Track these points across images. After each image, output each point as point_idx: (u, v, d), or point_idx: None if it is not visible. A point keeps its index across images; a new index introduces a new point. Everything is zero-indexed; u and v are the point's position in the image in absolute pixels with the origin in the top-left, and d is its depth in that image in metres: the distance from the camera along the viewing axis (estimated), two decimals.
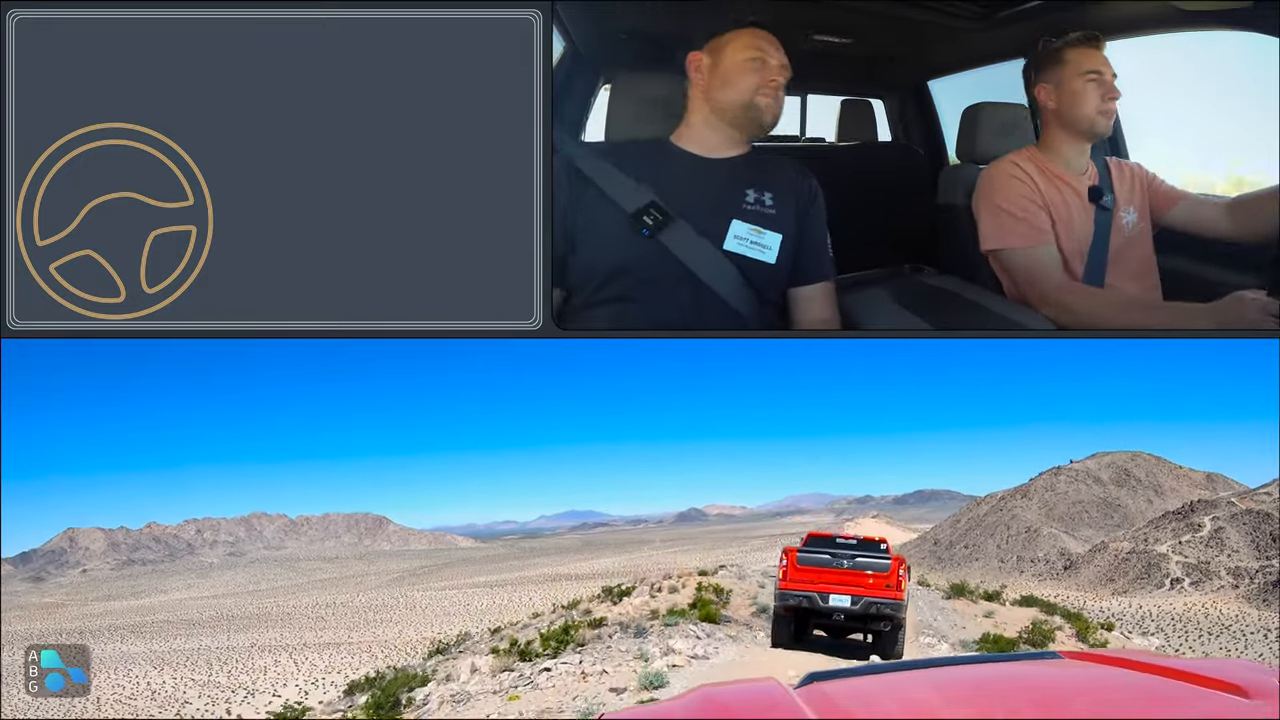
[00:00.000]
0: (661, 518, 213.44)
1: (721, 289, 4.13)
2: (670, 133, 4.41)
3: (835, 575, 8.99)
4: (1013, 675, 1.83)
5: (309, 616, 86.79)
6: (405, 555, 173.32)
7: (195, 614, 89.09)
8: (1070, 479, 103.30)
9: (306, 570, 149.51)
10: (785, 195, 4.34)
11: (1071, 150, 4.61)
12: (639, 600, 15.74)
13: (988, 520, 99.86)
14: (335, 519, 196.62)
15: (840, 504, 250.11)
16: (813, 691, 1.67)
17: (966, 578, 46.26)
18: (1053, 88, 4.56)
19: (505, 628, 19.15)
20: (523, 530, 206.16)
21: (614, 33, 4.93)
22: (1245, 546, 70.04)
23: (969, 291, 4.86)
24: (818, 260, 4.40)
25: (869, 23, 5.82)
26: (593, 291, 4.15)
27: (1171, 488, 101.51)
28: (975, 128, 5.26)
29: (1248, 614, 61.43)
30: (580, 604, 18.43)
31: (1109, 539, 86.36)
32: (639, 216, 4.09)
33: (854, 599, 8.93)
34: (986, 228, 4.54)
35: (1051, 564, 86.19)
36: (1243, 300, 3.87)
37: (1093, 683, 1.70)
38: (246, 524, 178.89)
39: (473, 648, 17.90)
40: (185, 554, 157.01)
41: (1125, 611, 68.36)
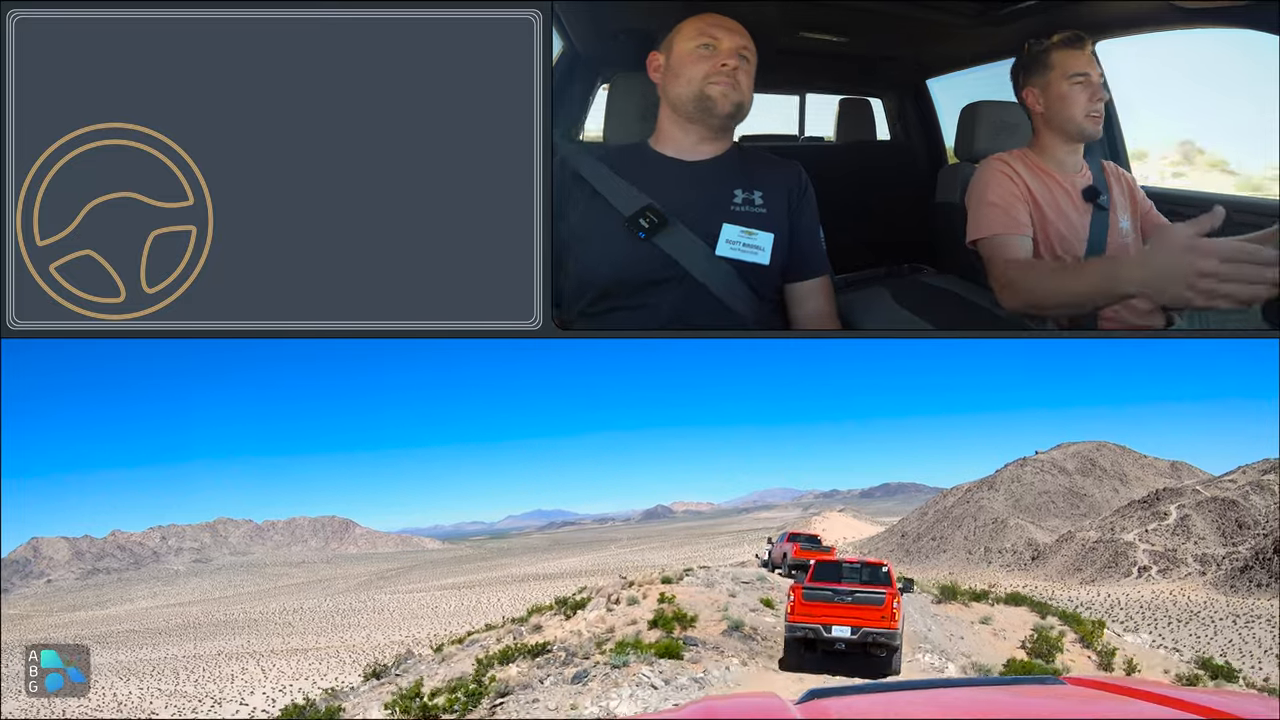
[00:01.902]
0: (629, 515, 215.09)
1: (719, 290, 4.08)
2: (650, 135, 4.34)
3: (837, 609, 10.12)
4: (1013, 699, 1.82)
5: (276, 622, 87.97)
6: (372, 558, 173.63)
7: (161, 622, 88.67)
8: (1036, 470, 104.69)
9: (273, 575, 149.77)
10: (774, 192, 4.25)
11: (1062, 152, 4.58)
12: (594, 615, 14.63)
13: (955, 512, 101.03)
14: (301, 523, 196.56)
15: (807, 499, 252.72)
16: (812, 708, 1.68)
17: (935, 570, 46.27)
18: (1040, 91, 4.53)
19: (447, 644, 18.09)
20: (490, 531, 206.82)
21: (612, 33, 4.90)
22: (1211, 533, 70.98)
23: (968, 291, 4.81)
24: (812, 255, 4.32)
25: (868, 21, 5.76)
26: (592, 292, 4.12)
27: (1137, 476, 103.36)
28: (974, 126, 5.22)
29: (1216, 600, 62.17)
30: (531, 617, 17.41)
31: (1076, 529, 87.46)
32: (636, 219, 4.05)
33: (854, 629, 10.06)
34: (970, 221, 4.51)
35: (1019, 554, 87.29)
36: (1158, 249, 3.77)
37: (1094, 709, 1.70)
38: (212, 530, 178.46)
39: (411, 668, 16.98)
40: (151, 561, 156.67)
41: (1094, 600, 69.05)
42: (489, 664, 11.75)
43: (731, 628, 12.60)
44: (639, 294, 4.10)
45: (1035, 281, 4.23)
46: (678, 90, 4.13)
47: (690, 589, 16.38)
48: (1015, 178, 4.48)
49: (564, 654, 11.47)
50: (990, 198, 4.46)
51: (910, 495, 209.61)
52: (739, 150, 4.35)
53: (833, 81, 6.76)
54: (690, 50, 4.09)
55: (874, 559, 11.92)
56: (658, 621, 12.53)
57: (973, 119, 5.25)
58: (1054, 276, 4.23)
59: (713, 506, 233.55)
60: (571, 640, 12.58)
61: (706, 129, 4.18)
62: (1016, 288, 4.25)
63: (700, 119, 4.14)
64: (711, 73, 4.06)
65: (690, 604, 14.80)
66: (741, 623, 12.75)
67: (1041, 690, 1.89)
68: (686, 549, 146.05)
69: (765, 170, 4.30)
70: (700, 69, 4.07)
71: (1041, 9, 4.82)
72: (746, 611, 14.57)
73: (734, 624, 12.71)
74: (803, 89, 6.96)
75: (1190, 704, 1.54)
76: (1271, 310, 3.98)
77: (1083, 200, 4.56)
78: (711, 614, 13.68)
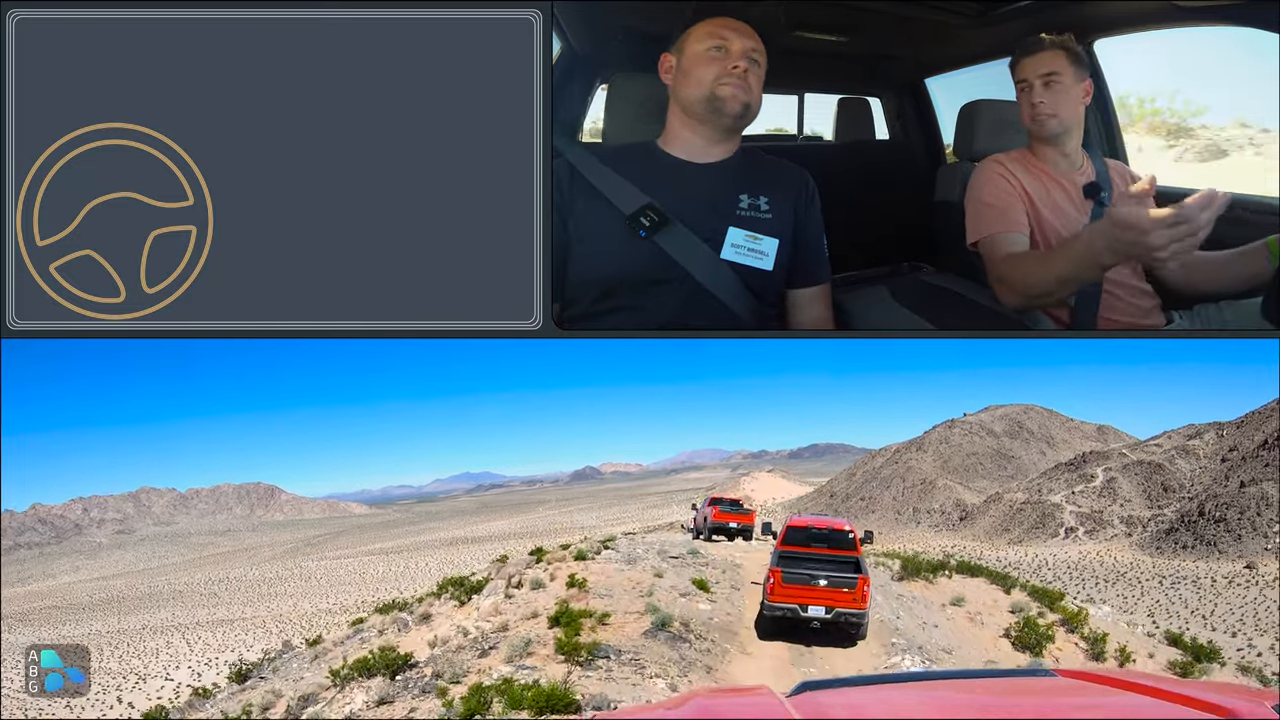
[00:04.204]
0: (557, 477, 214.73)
1: (719, 291, 4.07)
2: (659, 135, 4.34)
3: (813, 591, 10.86)
4: (1004, 690, 1.80)
5: (201, 594, 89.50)
6: (299, 525, 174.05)
7: (84, 597, 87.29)
8: (964, 431, 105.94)
9: (198, 545, 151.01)
10: (781, 197, 4.25)
11: (1052, 152, 4.61)
12: (489, 603, 12.03)
13: (883, 473, 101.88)
14: (226, 490, 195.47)
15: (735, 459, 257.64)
16: (805, 700, 1.66)
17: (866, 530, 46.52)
18: (1019, 95, 4.62)
19: (321, 641, 15.50)
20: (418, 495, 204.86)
21: (611, 33, 4.85)
22: (1137, 496, 71.83)
23: (967, 289, 4.77)
24: (815, 262, 4.35)
25: (866, 20, 5.70)
26: (593, 291, 4.08)
27: (1064, 440, 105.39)
28: (972, 125, 5.20)
29: (1142, 561, 62.75)
30: (423, 603, 14.74)
31: (1003, 490, 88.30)
32: (636, 218, 4.05)
33: (828, 609, 10.84)
34: (968, 222, 4.53)
35: (948, 515, 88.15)
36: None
37: (1085, 702, 1.68)
38: (135, 500, 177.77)
39: (283, 665, 14.48)
40: (73, 534, 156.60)
41: (1021, 561, 69.18)
42: (347, 678, 9.14)
43: (657, 625, 10.12)
44: (640, 294, 4.07)
45: (1025, 273, 4.26)
46: (688, 91, 4.15)
47: (608, 567, 13.80)
48: (1010, 178, 4.51)
49: (430, 671, 8.82)
50: (986, 198, 4.51)
51: (839, 456, 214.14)
52: (746, 154, 4.34)
53: (831, 81, 6.72)
54: (701, 52, 4.12)
55: (839, 523, 12.41)
56: (560, 618, 9.91)
57: (971, 118, 5.23)
58: (1040, 264, 4.26)
59: (641, 467, 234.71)
60: (454, 640, 9.99)
61: (716, 130, 4.21)
62: (1011, 283, 4.28)
63: (710, 120, 4.17)
64: (722, 74, 4.09)
65: (606, 587, 12.25)
66: (669, 617, 10.32)
67: (1032, 682, 1.86)
68: (615, 510, 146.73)
69: (772, 176, 4.31)
70: (711, 71, 4.10)
71: (1041, 8, 4.81)
72: (676, 598, 12.11)
73: (660, 620, 10.25)
74: (802, 88, 6.91)
75: (1180, 695, 1.53)
76: (1271, 310, 4.04)
77: (1083, 198, 4.56)
78: (632, 602, 11.11)
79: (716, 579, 14.34)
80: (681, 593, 12.60)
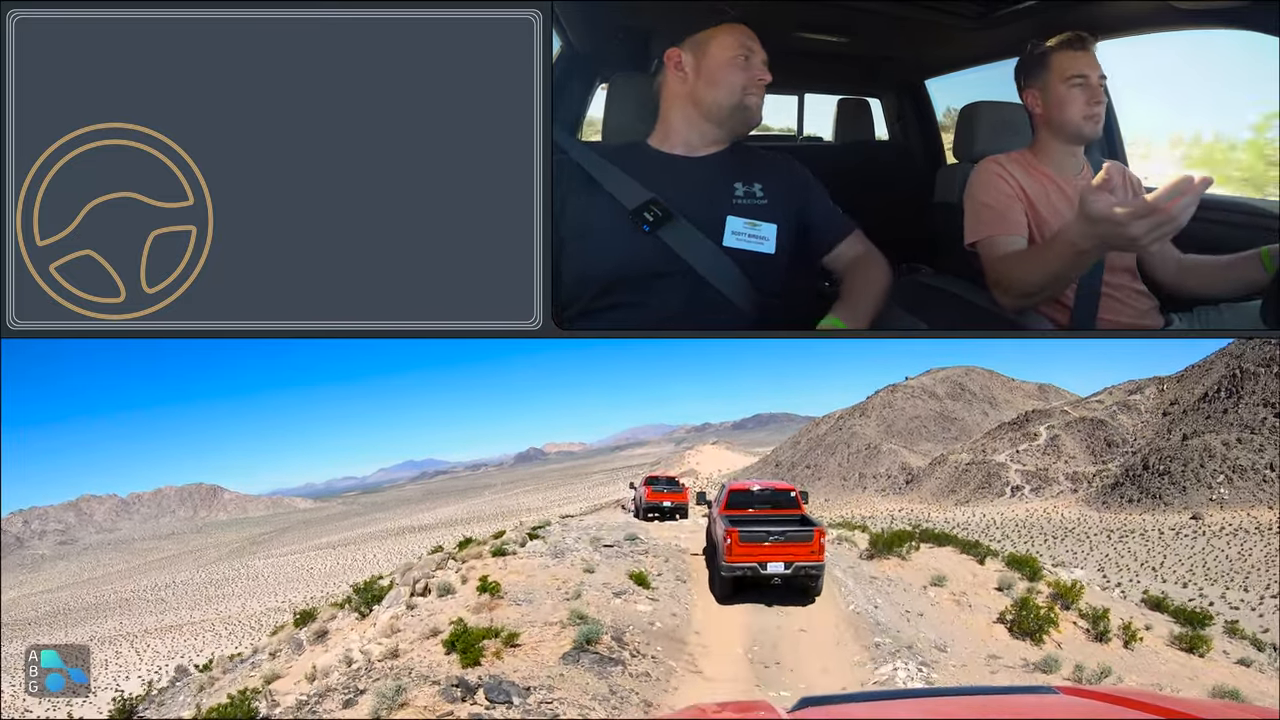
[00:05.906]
0: (501, 460, 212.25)
1: (720, 283, 4.06)
2: (648, 135, 4.36)
3: (771, 548, 10.98)
4: (1006, 708, 1.77)
5: (148, 600, 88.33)
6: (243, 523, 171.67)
7: (29, 612, 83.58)
8: (907, 395, 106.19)
9: (142, 551, 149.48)
10: (774, 184, 4.28)
11: (1061, 154, 4.55)
12: (385, 617, 9.90)
13: (828, 440, 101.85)
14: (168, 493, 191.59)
15: (679, 433, 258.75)
16: (805, 716, 1.63)
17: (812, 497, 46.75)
18: (1039, 92, 4.50)
19: (217, 662, 13.38)
20: (362, 486, 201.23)
21: (611, 33, 4.83)
22: (1081, 453, 72.15)
23: (966, 290, 4.74)
24: (833, 221, 4.40)
25: (867, 21, 5.65)
26: (593, 290, 4.06)
27: (1005, 400, 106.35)
28: (972, 126, 5.15)
29: (1088, 516, 62.87)
30: (319, 616, 12.66)
31: (948, 452, 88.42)
32: (640, 213, 4.04)
33: (787, 564, 11.00)
34: (967, 224, 4.49)
35: (894, 479, 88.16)
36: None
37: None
38: (75, 508, 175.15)
39: (171, 698, 12.50)
40: (14, 548, 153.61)
41: (970, 521, 68.85)
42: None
43: (579, 645, 7.83)
44: (641, 289, 4.06)
45: (1019, 271, 4.20)
46: (714, 95, 4.19)
47: (531, 563, 11.82)
48: (1009, 179, 4.47)
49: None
50: (984, 200, 4.44)
51: (782, 425, 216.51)
52: (735, 148, 4.36)
53: (831, 81, 6.67)
54: (729, 58, 4.16)
55: (780, 484, 12.85)
56: (455, 642, 7.60)
57: (971, 119, 5.16)
58: (1029, 263, 4.20)
59: (585, 446, 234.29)
60: (334, 672, 7.97)
61: (726, 132, 4.26)
62: (1007, 283, 4.22)
63: (728, 123, 4.23)
64: (749, 84, 4.18)
65: (526, 590, 10.28)
66: (596, 631, 8.14)
67: (1036, 702, 1.82)
68: (561, 490, 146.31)
69: (761, 164, 4.34)
70: (740, 78, 4.16)
71: (1041, 9, 4.78)
72: (609, 599, 10.19)
73: (585, 635, 7.98)
74: (802, 88, 6.87)
75: (1188, 715, 1.49)
76: (1270, 313, 4.02)
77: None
78: (554, 609, 9.13)
79: (658, 570, 12.53)
80: (616, 591, 10.71)
